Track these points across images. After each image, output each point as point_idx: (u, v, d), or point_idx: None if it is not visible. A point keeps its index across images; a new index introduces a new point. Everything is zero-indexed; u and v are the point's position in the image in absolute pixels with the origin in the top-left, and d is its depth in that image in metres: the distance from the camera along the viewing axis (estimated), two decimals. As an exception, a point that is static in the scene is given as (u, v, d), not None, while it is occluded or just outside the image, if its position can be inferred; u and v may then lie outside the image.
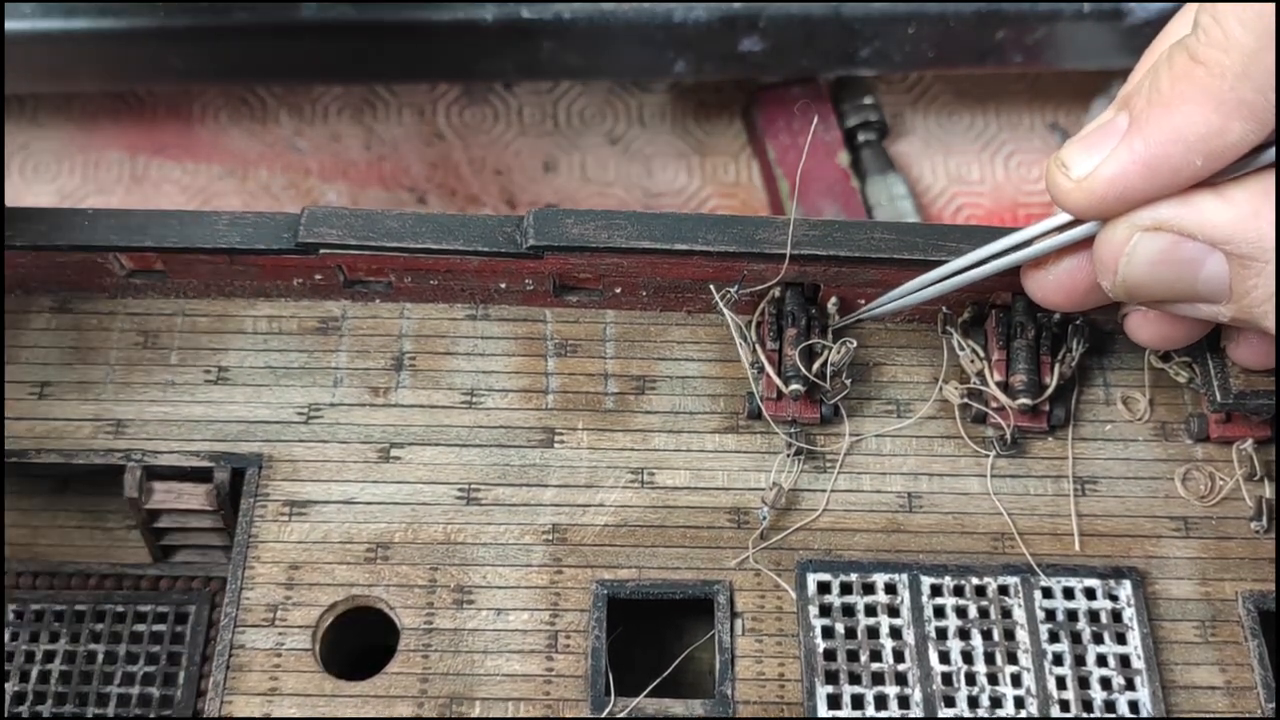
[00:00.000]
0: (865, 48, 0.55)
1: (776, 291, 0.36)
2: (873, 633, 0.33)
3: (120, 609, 0.37)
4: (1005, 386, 0.35)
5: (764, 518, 0.34)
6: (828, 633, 0.33)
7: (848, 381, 0.35)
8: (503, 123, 0.61)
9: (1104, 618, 0.33)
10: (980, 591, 0.34)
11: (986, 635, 0.33)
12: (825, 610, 0.33)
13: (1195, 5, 0.30)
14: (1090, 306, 0.33)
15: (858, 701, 0.32)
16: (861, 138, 0.59)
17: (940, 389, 0.36)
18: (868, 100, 0.60)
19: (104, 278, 0.37)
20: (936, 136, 0.61)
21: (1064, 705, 0.32)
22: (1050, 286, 0.33)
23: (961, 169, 0.60)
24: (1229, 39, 0.25)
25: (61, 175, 0.59)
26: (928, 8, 0.53)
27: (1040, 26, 0.55)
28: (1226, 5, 0.25)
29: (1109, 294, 0.31)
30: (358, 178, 0.59)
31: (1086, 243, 0.31)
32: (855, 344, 0.35)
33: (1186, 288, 0.29)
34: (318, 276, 0.37)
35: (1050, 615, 0.33)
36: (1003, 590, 0.34)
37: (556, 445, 0.36)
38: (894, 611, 0.33)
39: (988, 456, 0.36)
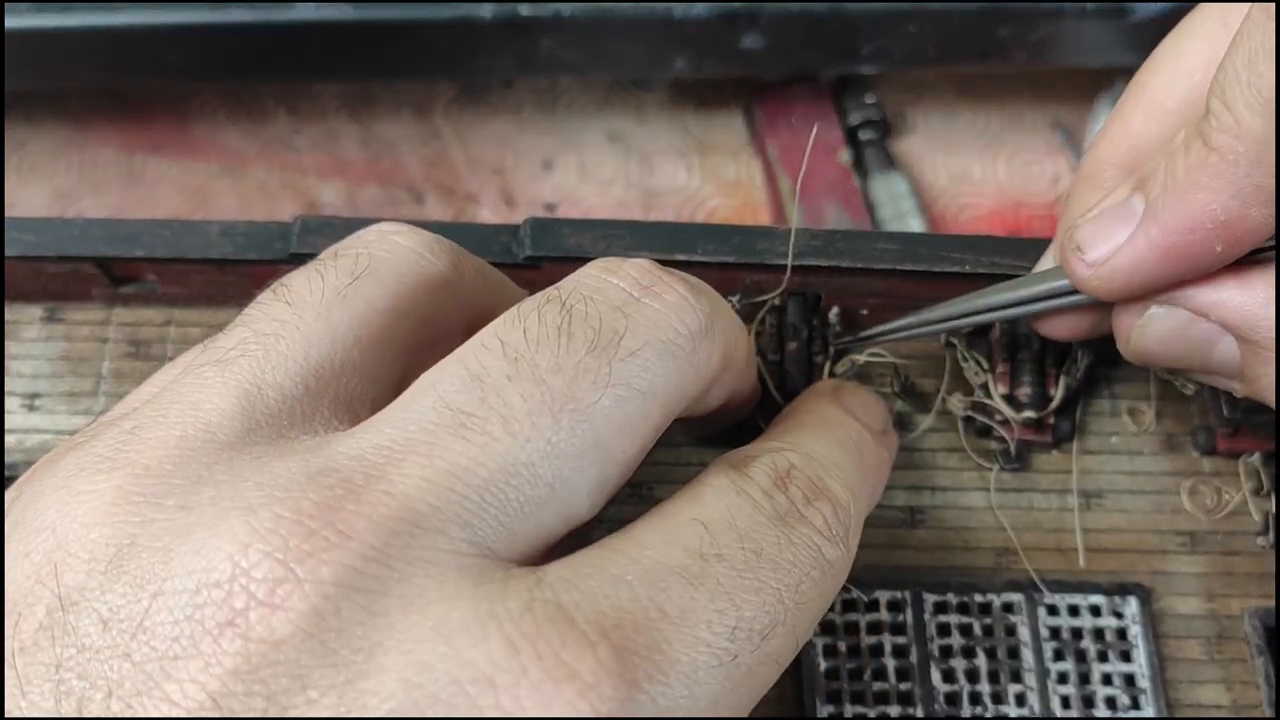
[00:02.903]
0: (867, 45, 0.55)
1: (778, 300, 0.36)
2: (875, 651, 0.33)
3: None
4: (1010, 399, 0.35)
5: None
6: (829, 651, 0.33)
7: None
8: (501, 121, 0.60)
9: (1109, 635, 0.33)
10: (984, 609, 0.33)
11: (990, 654, 0.33)
12: (827, 628, 0.33)
13: (1169, 45, 0.30)
14: (1097, 336, 0.33)
15: (859, 722, 0.32)
16: (863, 136, 0.59)
17: (943, 401, 0.36)
18: (869, 98, 0.59)
19: (94, 287, 0.36)
20: (938, 135, 0.60)
21: (1068, 725, 0.32)
22: (1054, 324, 0.33)
23: (964, 167, 0.60)
24: (1240, 125, 0.24)
25: (58, 174, 0.59)
26: (930, 5, 0.53)
27: (1043, 24, 0.54)
28: (1234, 90, 0.24)
29: (1123, 355, 0.31)
30: (355, 176, 0.59)
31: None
32: (862, 359, 0.34)
33: (1199, 363, 0.29)
34: (312, 286, 0.36)
35: (1055, 633, 0.33)
36: (1006, 608, 0.33)
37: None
38: (897, 629, 0.33)
39: (991, 470, 0.35)
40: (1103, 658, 0.33)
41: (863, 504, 0.28)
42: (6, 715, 0.19)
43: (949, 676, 0.32)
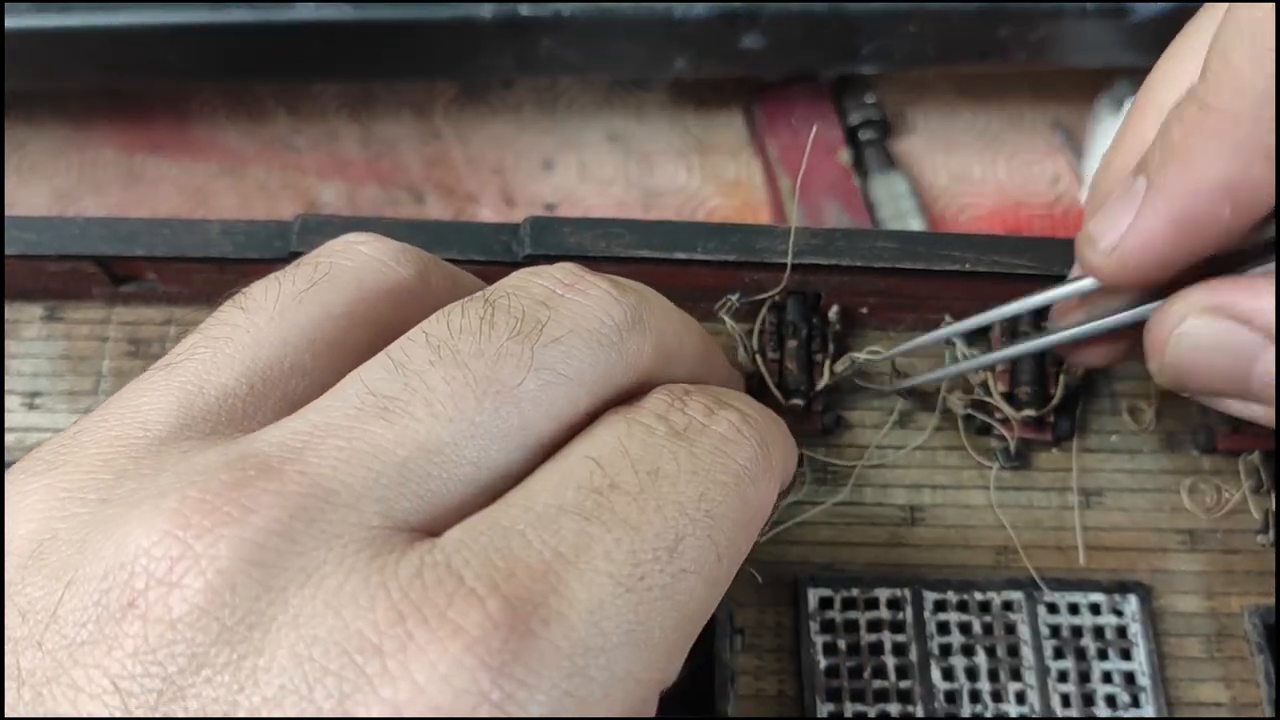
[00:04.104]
0: (867, 45, 0.55)
1: (778, 298, 0.36)
2: (875, 649, 0.33)
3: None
4: (1010, 397, 0.35)
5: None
6: (829, 649, 0.33)
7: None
8: (501, 121, 0.60)
9: (1109, 634, 0.33)
10: (984, 607, 0.33)
11: (990, 652, 0.33)
12: (827, 626, 0.33)
13: (1176, 49, 0.29)
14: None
15: (859, 720, 0.32)
16: (863, 136, 0.59)
17: (943, 399, 0.36)
18: (869, 98, 0.59)
19: (94, 286, 0.36)
20: (938, 135, 0.60)
21: (1068, 723, 0.32)
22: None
23: (964, 167, 0.60)
24: (1240, 79, 0.24)
25: (58, 174, 0.59)
26: (930, 5, 0.53)
27: (1043, 24, 0.54)
28: (1236, 46, 0.24)
29: (1155, 379, 0.29)
30: (355, 176, 0.59)
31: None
32: (862, 358, 0.34)
33: (1239, 381, 0.27)
34: (312, 285, 0.36)
35: (1055, 631, 0.33)
36: (1006, 606, 0.33)
37: (554, 458, 0.35)
38: (896, 627, 0.33)
39: (991, 468, 0.35)
40: (1103, 656, 0.33)
41: (779, 444, 0.27)
42: None
43: (949, 674, 0.32)
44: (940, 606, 0.33)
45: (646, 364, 0.26)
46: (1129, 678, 0.33)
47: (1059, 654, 0.33)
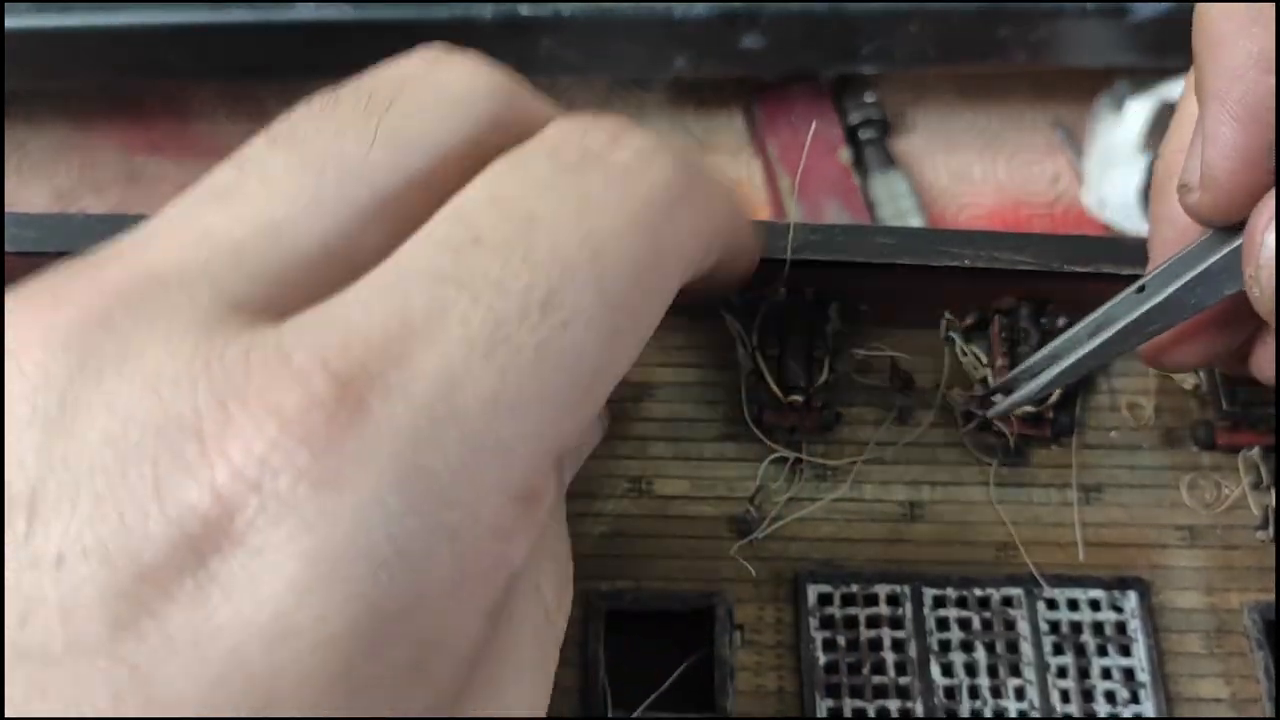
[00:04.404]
0: (867, 45, 0.55)
1: (778, 293, 0.36)
2: (874, 645, 0.33)
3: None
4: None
5: (752, 516, 0.34)
6: (828, 645, 0.32)
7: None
8: (501, 120, 0.60)
9: (1108, 630, 0.33)
10: (983, 603, 0.33)
11: (990, 648, 0.33)
12: (826, 622, 0.33)
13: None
14: (1208, 360, 0.31)
15: (859, 716, 0.32)
16: (863, 135, 0.59)
17: (942, 396, 0.36)
18: (869, 97, 0.59)
19: (95, 283, 0.36)
20: (938, 134, 0.61)
21: None
22: (1167, 346, 0.31)
23: (964, 167, 0.60)
24: None
25: (58, 174, 0.59)
26: (930, 5, 0.53)
27: (1043, 24, 0.54)
28: None
29: (1254, 303, 0.27)
30: (355, 176, 0.59)
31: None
32: (861, 354, 0.34)
33: None
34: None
35: (1054, 627, 0.33)
36: (1006, 602, 0.33)
37: (553, 454, 0.35)
38: (896, 624, 0.33)
39: (990, 465, 0.35)
40: (1102, 652, 0.33)
41: (712, 181, 0.24)
42: None
43: (948, 671, 0.32)
44: (940, 603, 0.33)
45: (532, 119, 0.23)
46: (1128, 674, 0.32)
47: (1058, 650, 0.33)
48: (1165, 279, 0.30)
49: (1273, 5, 0.24)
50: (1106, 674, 0.32)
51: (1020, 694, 0.32)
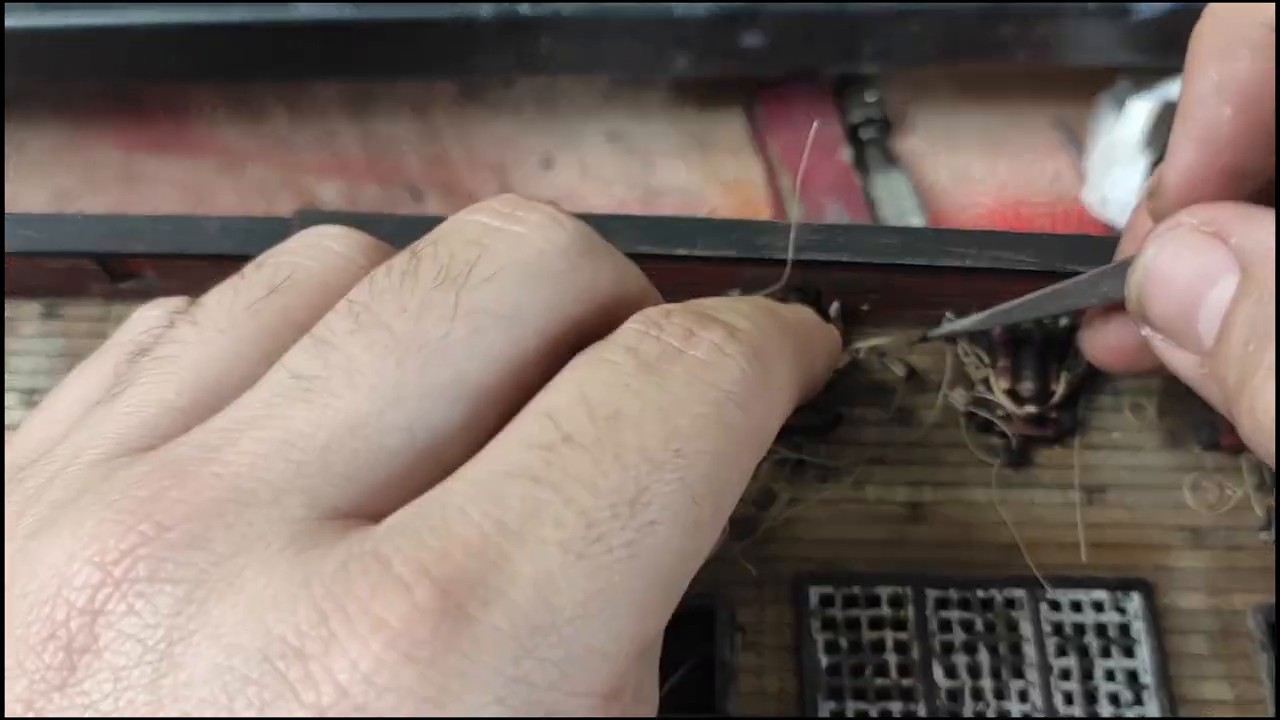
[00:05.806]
0: (868, 44, 0.55)
1: (779, 295, 0.35)
2: (877, 647, 0.32)
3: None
4: (1012, 394, 0.35)
5: (753, 517, 0.33)
6: (831, 647, 0.32)
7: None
8: (501, 119, 0.60)
9: (1112, 631, 0.33)
10: (986, 605, 0.33)
11: (993, 650, 0.32)
12: (828, 624, 0.33)
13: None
14: (1142, 369, 0.31)
15: (862, 718, 0.31)
16: (864, 134, 0.59)
17: (945, 396, 0.36)
18: (870, 97, 0.59)
19: (93, 283, 0.36)
20: (940, 133, 0.60)
21: (1071, 721, 0.32)
22: (1100, 344, 0.32)
23: (965, 166, 0.59)
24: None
25: (58, 174, 0.58)
26: (931, 5, 0.53)
27: (1044, 23, 0.54)
28: None
29: (1127, 305, 0.28)
30: (354, 175, 0.58)
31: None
32: (861, 351, 0.34)
33: (1187, 307, 0.25)
34: (311, 282, 0.36)
35: (1057, 629, 0.33)
36: (1009, 603, 0.33)
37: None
38: (898, 625, 0.33)
39: (993, 466, 0.35)
40: (1105, 653, 0.33)
41: (786, 352, 0.24)
42: None
43: (951, 672, 0.32)
44: (942, 604, 0.33)
45: (607, 289, 0.24)
46: (1132, 675, 0.32)
47: (1061, 652, 0.32)
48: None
49: (1243, 39, 0.25)
50: (1110, 676, 0.32)
51: (1023, 696, 0.32)
